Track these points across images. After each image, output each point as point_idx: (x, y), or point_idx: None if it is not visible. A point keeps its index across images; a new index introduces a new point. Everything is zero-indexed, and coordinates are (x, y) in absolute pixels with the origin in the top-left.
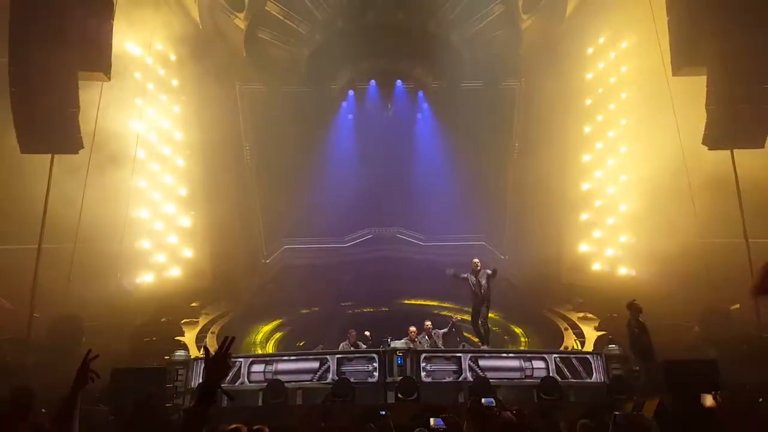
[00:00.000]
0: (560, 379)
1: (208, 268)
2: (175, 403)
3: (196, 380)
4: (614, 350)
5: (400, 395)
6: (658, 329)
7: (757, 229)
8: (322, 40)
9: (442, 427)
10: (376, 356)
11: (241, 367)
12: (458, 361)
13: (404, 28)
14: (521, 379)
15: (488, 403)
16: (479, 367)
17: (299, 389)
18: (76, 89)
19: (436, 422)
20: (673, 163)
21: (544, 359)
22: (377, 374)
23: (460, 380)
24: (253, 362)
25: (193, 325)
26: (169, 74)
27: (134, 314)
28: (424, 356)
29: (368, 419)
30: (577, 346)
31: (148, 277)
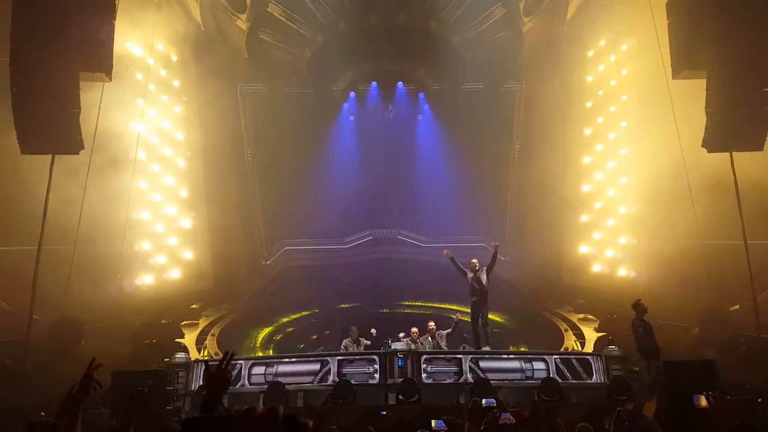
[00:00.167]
0: (561, 380)
1: (208, 269)
2: (175, 405)
3: (196, 383)
4: (614, 351)
5: (401, 397)
6: (657, 330)
7: (756, 231)
8: (323, 41)
9: (443, 428)
10: (376, 358)
11: (241, 369)
12: (459, 362)
13: (406, 29)
14: (522, 380)
15: (489, 404)
16: (480, 368)
17: (300, 391)
18: (77, 90)
19: (437, 424)
20: (672, 165)
21: (544, 360)
22: (378, 376)
23: (460, 381)
24: (253, 364)
25: (193, 327)
26: (170, 75)
27: (134, 316)
28: (424, 358)
29: (368, 421)
30: (577, 347)
31: (148, 278)
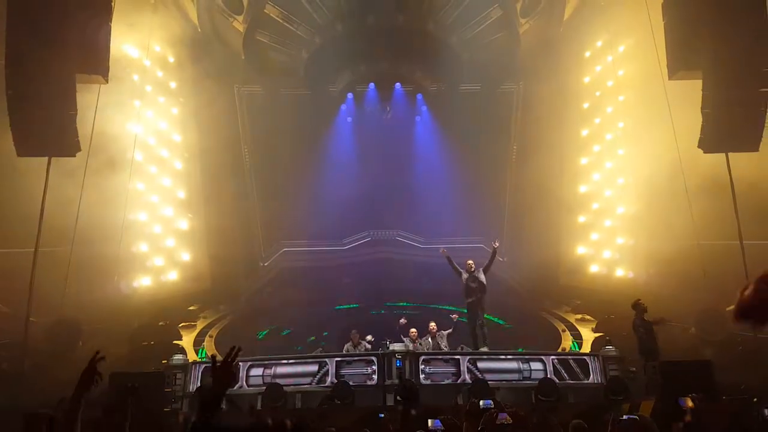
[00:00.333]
0: (558, 380)
1: (206, 271)
2: (172, 407)
3: (193, 384)
4: (611, 351)
5: (399, 398)
6: (654, 330)
7: (752, 231)
8: (321, 42)
9: (440, 428)
10: (374, 359)
11: (239, 370)
12: (457, 363)
13: (403, 31)
14: (519, 380)
15: (487, 405)
16: (478, 369)
17: (298, 393)
18: (73, 92)
19: (434, 423)
20: (669, 165)
21: (541, 361)
22: (376, 377)
23: (458, 382)
24: (251, 366)
25: (191, 328)
26: (167, 76)
27: (132, 318)
28: (422, 359)
29: (366, 422)
30: (574, 346)
31: (145, 280)
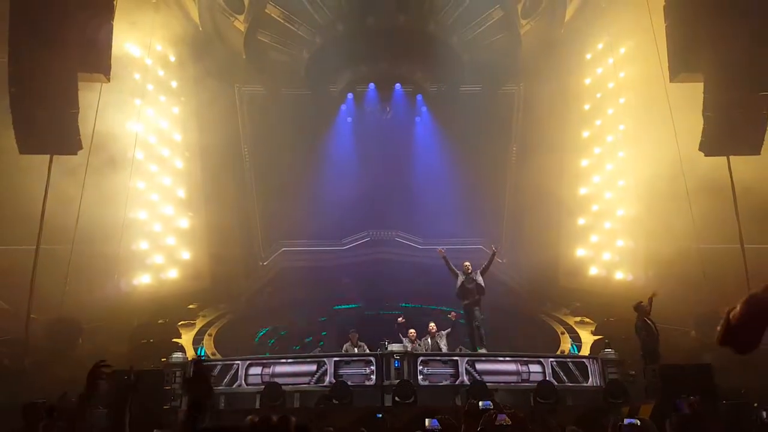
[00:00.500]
0: (557, 383)
1: (205, 269)
2: (172, 405)
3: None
4: (610, 354)
5: (397, 398)
6: (656, 332)
7: (752, 234)
8: (321, 43)
9: (437, 427)
10: (373, 359)
11: (238, 369)
12: (455, 364)
13: (404, 31)
14: (518, 382)
15: (486, 406)
16: (476, 370)
17: (297, 392)
18: (75, 90)
19: (431, 423)
20: (670, 168)
21: (540, 363)
22: (374, 377)
23: (457, 383)
24: (250, 365)
25: (190, 327)
26: (168, 75)
27: (131, 316)
28: (421, 359)
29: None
30: (573, 349)
31: (145, 278)
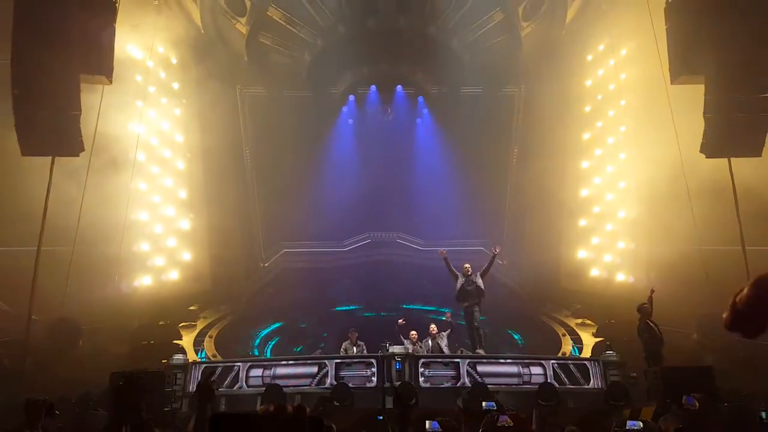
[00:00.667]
0: (558, 385)
1: (206, 271)
2: (172, 407)
3: (193, 384)
4: (612, 356)
5: (398, 400)
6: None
7: (754, 236)
8: (323, 45)
9: (437, 429)
10: (374, 361)
11: (239, 371)
12: (456, 366)
13: (405, 33)
14: (519, 385)
15: (489, 407)
16: (477, 372)
17: (298, 394)
18: (77, 92)
19: (431, 425)
20: (671, 170)
21: (541, 365)
22: (375, 379)
23: (458, 386)
24: (251, 366)
25: (191, 328)
26: (170, 77)
27: (132, 317)
28: (422, 361)
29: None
30: (574, 350)
31: (146, 279)
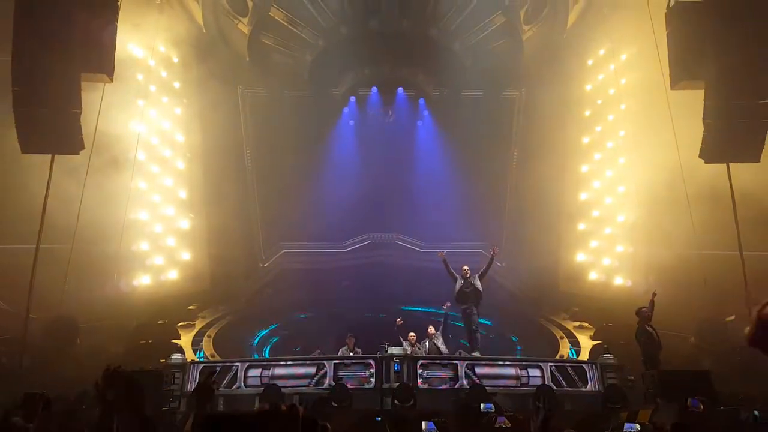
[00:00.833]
0: (555, 387)
1: (206, 271)
2: (170, 407)
3: (191, 384)
4: (609, 359)
5: (396, 401)
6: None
7: (752, 241)
8: (324, 46)
9: (433, 430)
10: (373, 362)
11: (237, 371)
12: (455, 368)
13: (407, 36)
14: (517, 387)
15: (487, 408)
16: (476, 374)
17: (296, 394)
18: (78, 90)
19: (428, 426)
20: (670, 174)
21: (539, 367)
22: (374, 380)
23: (456, 387)
24: (249, 366)
25: (189, 328)
26: (171, 76)
27: (131, 316)
28: (420, 363)
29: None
30: (571, 353)
31: (145, 279)
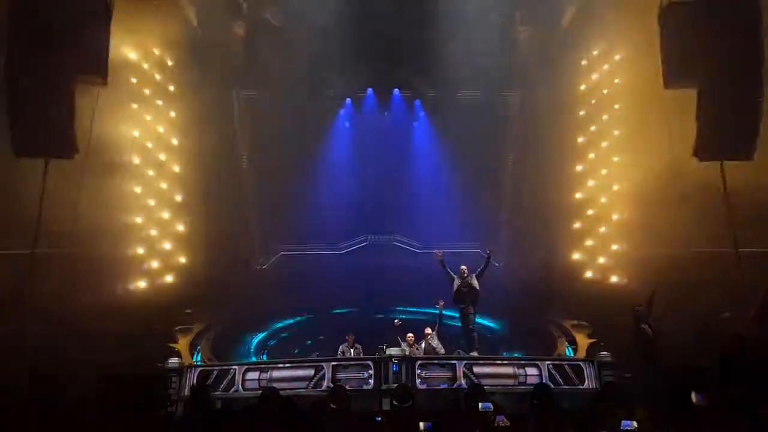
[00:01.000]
0: (553, 385)
1: (202, 274)
2: (168, 411)
3: (188, 388)
4: (606, 357)
5: (395, 402)
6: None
7: (747, 238)
8: (320, 48)
9: (430, 430)
10: (371, 363)
11: (235, 374)
12: (453, 368)
13: (402, 37)
14: (515, 385)
15: (485, 408)
16: (474, 373)
17: (294, 397)
18: (72, 94)
19: (425, 426)
20: (664, 172)
21: (537, 366)
22: (372, 381)
23: (455, 387)
24: (247, 369)
25: (186, 331)
26: (166, 79)
27: (127, 320)
28: (419, 363)
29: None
30: (568, 351)
31: (141, 283)
